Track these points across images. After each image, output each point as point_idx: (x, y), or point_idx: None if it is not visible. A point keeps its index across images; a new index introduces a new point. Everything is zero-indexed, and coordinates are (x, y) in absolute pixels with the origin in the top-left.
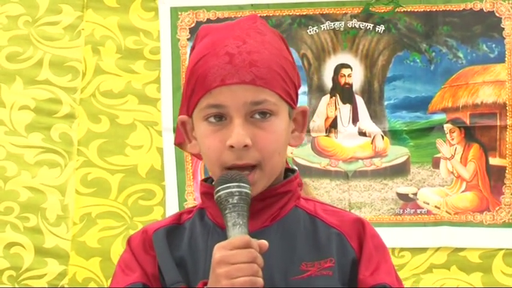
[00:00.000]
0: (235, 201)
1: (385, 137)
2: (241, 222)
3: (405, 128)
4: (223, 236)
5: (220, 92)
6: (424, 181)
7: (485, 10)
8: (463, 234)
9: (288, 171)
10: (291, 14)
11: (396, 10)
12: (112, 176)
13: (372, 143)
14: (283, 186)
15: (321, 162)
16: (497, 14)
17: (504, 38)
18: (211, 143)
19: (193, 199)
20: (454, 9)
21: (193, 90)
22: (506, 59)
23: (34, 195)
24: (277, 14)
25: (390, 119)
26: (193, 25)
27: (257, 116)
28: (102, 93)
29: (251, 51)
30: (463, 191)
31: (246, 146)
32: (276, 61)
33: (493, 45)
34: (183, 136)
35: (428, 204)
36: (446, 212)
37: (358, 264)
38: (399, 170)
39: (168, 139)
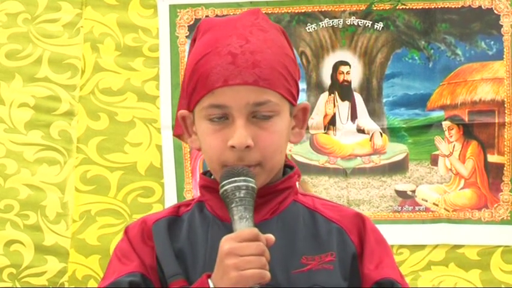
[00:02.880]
0: (242, 195)
1: (383, 134)
2: (247, 216)
3: (404, 125)
4: (224, 228)
5: (223, 93)
6: (422, 178)
7: (483, 7)
8: (461, 231)
9: (286, 167)
10: (289, 11)
11: (396, 7)
12: (111, 173)
13: (370, 140)
14: (283, 183)
15: (320, 160)
16: (495, 11)
17: (502, 35)
18: (212, 141)
19: (191, 196)
20: (453, 6)
21: (194, 88)
22: (504, 56)
23: (34, 192)
24: (276, 12)
25: (389, 116)
26: (192, 22)
27: (259, 116)
28: (101, 90)
29: (254, 51)
30: (461, 188)
31: (247, 146)
32: (279, 60)
33: (492, 43)
34: (182, 128)
35: (426, 201)
36: (445, 209)
37: (360, 259)
38: (398, 167)
39: (167, 136)
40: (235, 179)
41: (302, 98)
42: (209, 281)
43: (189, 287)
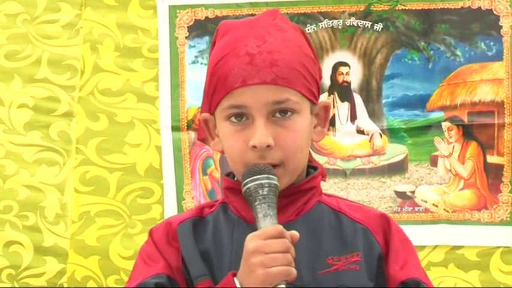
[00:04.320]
0: (265, 193)
1: (383, 135)
2: (271, 214)
3: (403, 126)
4: (249, 229)
5: (242, 93)
6: (422, 179)
7: (483, 8)
8: (460, 232)
9: (310, 167)
10: (289, 12)
11: (395, 8)
12: (110, 174)
13: (370, 141)
14: (307, 183)
15: (319, 160)
16: (495, 12)
17: (502, 36)
18: (234, 142)
19: (191, 197)
20: (452, 7)
21: (214, 90)
22: (504, 57)
23: (33, 193)
24: None
25: (388, 117)
26: (191, 23)
27: (279, 115)
28: (101, 91)
29: (272, 51)
30: (460, 189)
31: (268, 146)
32: (297, 59)
33: (491, 43)
34: (205, 132)
35: (426, 202)
36: (444, 210)
37: (385, 259)
38: (397, 168)
39: (167, 137)
40: (258, 176)
41: None
42: (235, 279)
43: (215, 286)
